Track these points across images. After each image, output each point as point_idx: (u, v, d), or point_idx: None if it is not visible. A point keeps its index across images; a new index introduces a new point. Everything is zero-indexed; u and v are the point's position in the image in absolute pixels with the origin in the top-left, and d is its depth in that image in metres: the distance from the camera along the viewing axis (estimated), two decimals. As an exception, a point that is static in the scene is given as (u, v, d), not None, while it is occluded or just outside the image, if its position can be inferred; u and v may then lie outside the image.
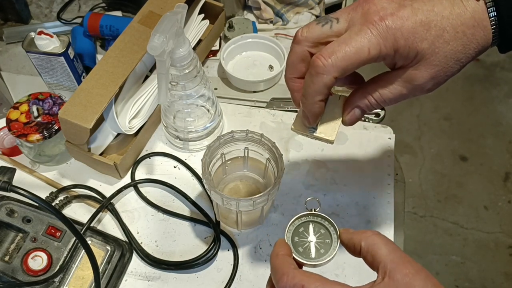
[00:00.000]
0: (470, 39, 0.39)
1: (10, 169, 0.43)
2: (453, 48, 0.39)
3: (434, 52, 0.39)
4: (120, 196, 0.68)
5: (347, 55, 0.39)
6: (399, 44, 0.38)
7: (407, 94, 0.41)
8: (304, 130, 0.40)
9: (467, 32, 0.38)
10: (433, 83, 0.40)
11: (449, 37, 0.38)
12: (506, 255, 1.54)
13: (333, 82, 0.40)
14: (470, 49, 0.39)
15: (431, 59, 0.39)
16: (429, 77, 0.40)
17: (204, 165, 0.56)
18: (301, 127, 0.40)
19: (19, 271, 0.57)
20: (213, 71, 0.84)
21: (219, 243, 0.63)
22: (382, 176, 0.69)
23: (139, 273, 0.62)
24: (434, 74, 0.40)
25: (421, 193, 1.67)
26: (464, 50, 0.39)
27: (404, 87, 0.41)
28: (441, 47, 0.39)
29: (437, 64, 0.39)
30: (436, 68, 0.39)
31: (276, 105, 0.78)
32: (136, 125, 0.69)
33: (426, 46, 0.38)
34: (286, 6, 0.90)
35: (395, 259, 0.34)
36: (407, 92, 0.41)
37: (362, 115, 0.44)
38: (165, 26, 0.50)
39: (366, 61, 0.39)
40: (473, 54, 0.39)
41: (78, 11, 0.94)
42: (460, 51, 0.39)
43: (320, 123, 0.40)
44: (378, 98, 0.42)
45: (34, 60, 0.71)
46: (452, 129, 1.82)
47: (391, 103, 0.42)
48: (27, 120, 0.66)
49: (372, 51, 0.39)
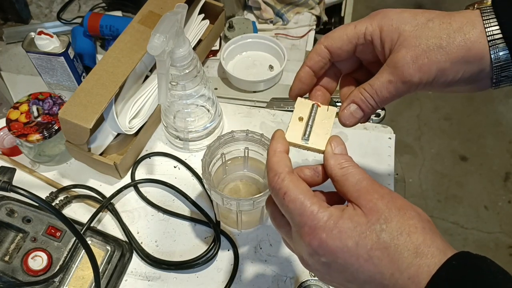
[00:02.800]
0: (456, 29, 0.39)
1: (10, 169, 0.43)
2: (436, 34, 0.39)
3: (416, 36, 0.39)
4: (120, 196, 0.68)
5: (337, 29, 0.43)
6: (384, 23, 0.41)
7: (395, 82, 0.40)
8: (297, 140, 0.42)
9: (453, 24, 0.39)
10: (416, 68, 0.39)
11: (433, 25, 0.39)
12: (506, 255, 1.54)
13: (322, 50, 0.43)
14: (456, 40, 0.39)
15: (412, 41, 0.39)
16: (410, 59, 0.39)
17: (204, 165, 0.56)
18: (293, 137, 0.42)
19: (19, 271, 0.57)
20: (213, 71, 0.84)
21: (219, 243, 0.63)
22: (382, 176, 0.69)
23: (139, 273, 0.62)
24: (415, 56, 0.39)
25: (421, 193, 1.67)
26: (449, 39, 0.39)
27: (390, 73, 0.41)
28: (423, 32, 0.39)
29: (417, 46, 0.39)
30: (416, 49, 0.39)
31: (276, 105, 0.78)
32: (136, 125, 0.69)
33: (409, 28, 0.40)
34: (286, 6, 0.90)
35: (361, 189, 0.36)
36: (394, 79, 0.40)
37: (361, 114, 0.44)
38: (165, 26, 0.50)
39: (352, 34, 0.42)
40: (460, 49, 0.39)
41: (78, 11, 0.94)
42: (444, 39, 0.39)
43: (311, 134, 0.42)
44: (369, 90, 0.42)
45: (34, 60, 0.71)
46: (452, 129, 1.82)
47: (384, 96, 0.42)
48: (27, 120, 0.66)
49: (358, 26, 0.42)
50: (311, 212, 0.35)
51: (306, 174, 0.40)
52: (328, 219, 0.34)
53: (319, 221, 0.34)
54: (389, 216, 0.33)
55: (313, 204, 0.35)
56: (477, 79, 0.41)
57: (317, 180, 0.40)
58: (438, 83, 0.40)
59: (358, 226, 0.34)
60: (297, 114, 0.43)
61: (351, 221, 0.34)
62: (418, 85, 0.40)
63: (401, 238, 0.33)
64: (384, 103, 0.43)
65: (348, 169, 0.37)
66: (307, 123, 0.42)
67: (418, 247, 0.32)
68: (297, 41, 0.89)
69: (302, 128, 0.42)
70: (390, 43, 0.41)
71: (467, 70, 0.39)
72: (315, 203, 0.35)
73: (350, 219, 0.34)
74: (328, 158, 0.39)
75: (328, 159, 0.39)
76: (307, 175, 0.40)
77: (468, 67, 0.39)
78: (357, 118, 0.44)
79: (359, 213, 0.34)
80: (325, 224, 0.34)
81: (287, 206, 0.36)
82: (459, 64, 0.39)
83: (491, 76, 0.40)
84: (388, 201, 0.34)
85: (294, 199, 0.36)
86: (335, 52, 0.43)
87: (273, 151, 0.39)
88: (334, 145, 0.40)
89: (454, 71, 0.39)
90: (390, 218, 0.33)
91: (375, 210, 0.34)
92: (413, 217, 0.34)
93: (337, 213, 0.35)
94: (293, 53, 0.87)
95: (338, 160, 0.38)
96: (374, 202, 0.34)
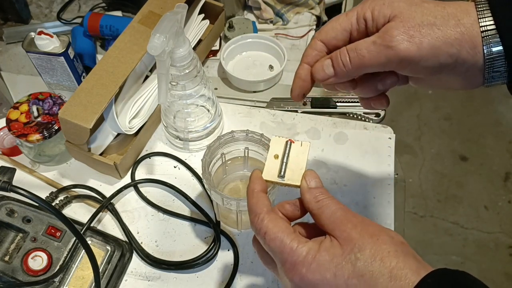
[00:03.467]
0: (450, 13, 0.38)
1: (10, 169, 0.43)
2: (431, 13, 0.38)
3: (410, 11, 0.39)
4: (120, 196, 0.68)
5: (329, 21, 0.43)
6: (375, 3, 0.40)
7: (379, 44, 0.39)
8: (273, 178, 0.43)
9: (447, 9, 0.39)
10: (406, 37, 0.38)
11: (428, 6, 0.39)
12: (506, 255, 1.54)
13: (318, 44, 0.43)
14: (450, 22, 0.38)
15: (406, 14, 0.38)
16: (402, 28, 0.38)
17: (204, 165, 0.56)
18: (270, 176, 0.43)
19: (19, 271, 0.57)
20: (213, 71, 0.84)
21: (219, 243, 0.63)
22: (382, 176, 0.69)
23: (139, 273, 0.62)
24: (407, 27, 0.38)
25: (421, 193, 1.67)
26: (443, 20, 0.38)
27: (377, 36, 0.39)
28: (418, 9, 0.39)
29: (412, 18, 0.38)
30: (410, 21, 0.38)
31: (276, 105, 0.78)
32: (136, 125, 0.69)
33: (403, 5, 0.39)
34: (286, 6, 0.90)
35: (335, 220, 0.37)
36: (379, 41, 0.39)
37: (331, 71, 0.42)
38: (165, 26, 0.50)
39: (345, 22, 0.42)
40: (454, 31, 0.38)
41: (78, 11, 0.94)
42: (438, 19, 0.38)
43: (286, 170, 0.43)
44: (349, 47, 0.41)
45: (34, 60, 0.71)
46: (452, 129, 1.82)
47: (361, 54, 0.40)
48: (27, 120, 0.66)
49: (349, 13, 0.41)
50: (290, 248, 0.36)
51: (287, 209, 0.41)
52: (307, 254, 0.36)
53: (299, 256, 0.36)
54: (362, 244, 0.35)
55: (292, 241, 0.37)
56: (469, 72, 0.40)
57: (297, 214, 0.41)
58: (428, 64, 0.39)
59: (334, 257, 0.35)
60: (272, 152, 0.44)
61: (328, 253, 0.35)
62: (404, 57, 0.38)
63: (375, 264, 0.34)
64: (359, 66, 0.40)
65: (323, 202, 0.38)
66: (282, 160, 0.44)
67: (391, 271, 0.33)
68: (297, 41, 0.89)
69: (277, 166, 0.43)
70: (383, 20, 0.39)
71: (460, 57, 0.38)
72: (294, 239, 0.37)
73: (327, 251, 0.35)
74: (304, 193, 0.40)
75: (304, 194, 0.40)
76: (287, 210, 0.41)
77: (461, 53, 0.38)
78: (325, 73, 0.42)
79: (335, 245, 0.36)
80: (304, 259, 0.36)
81: (268, 245, 0.38)
82: (452, 47, 0.38)
83: (483, 70, 0.39)
84: (361, 229, 0.36)
85: (274, 238, 0.37)
86: (331, 43, 0.43)
87: (251, 191, 0.41)
88: (309, 180, 0.41)
89: (446, 54, 0.38)
90: (364, 246, 0.35)
91: (349, 240, 0.35)
92: (386, 242, 0.35)
93: (315, 247, 0.36)
94: (293, 53, 0.87)
95: (313, 194, 0.39)
96: (348, 232, 0.36)
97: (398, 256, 0.34)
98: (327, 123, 0.75)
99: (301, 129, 0.74)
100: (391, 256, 0.34)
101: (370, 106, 0.47)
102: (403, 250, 0.35)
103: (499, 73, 0.39)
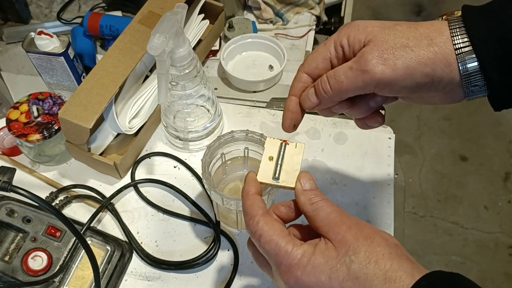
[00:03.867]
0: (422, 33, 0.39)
1: (10, 169, 0.43)
2: (404, 34, 0.39)
3: (383, 34, 0.40)
4: (120, 196, 0.68)
5: (311, 53, 0.45)
6: (350, 30, 0.41)
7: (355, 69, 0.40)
8: (268, 180, 0.43)
9: (420, 29, 0.39)
10: (381, 60, 0.39)
11: (400, 28, 0.40)
12: (506, 255, 1.54)
13: (302, 76, 0.45)
14: (422, 42, 0.39)
15: (380, 37, 0.40)
16: (376, 51, 0.39)
17: (204, 165, 0.56)
18: (264, 178, 0.43)
19: (19, 271, 0.57)
20: (213, 71, 0.84)
21: (219, 243, 0.63)
22: (382, 176, 0.69)
23: (139, 273, 0.62)
24: (381, 50, 0.39)
25: (421, 193, 1.67)
26: (415, 41, 0.39)
27: (354, 61, 0.40)
28: (391, 32, 0.40)
29: (385, 41, 0.39)
30: (383, 45, 0.39)
31: (276, 105, 0.78)
32: (136, 125, 0.69)
33: (376, 30, 0.40)
34: (286, 6, 0.90)
35: (330, 222, 0.37)
36: (355, 66, 0.40)
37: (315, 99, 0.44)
38: (165, 26, 0.50)
39: (324, 51, 0.43)
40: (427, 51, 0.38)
41: (78, 11, 0.94)
42: (411, 40, 0.39)
43: (281, 172, 0.43)
44: (329, 74, 0.42)
45: (34, 60, 0.71)
46: (452, 129, 1.82)
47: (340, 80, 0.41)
48: (27, 120, 0.66)
49: (327, 42, 0.43)
50: (285, 251, 0.36)
51: (282, 211, 0.41)
52: (302, 257, 0.36)
53: (294, 259, 0.36)
54: (357, 247, 0.35)
55: (287, 243, 0.37)
56: (447, 88, 0.40)
57: (291, 216, 0.41)
58: (404, 84, 0.40)
59: (329, 260, 0.35)
60: (267, 154, 0.44)
61: (323, 256, 0.35)
62: (380, 80, 0.39)
63: (369, 267, 0.34)
64: (339, 92, 0.42)
65: (317, 204, 0.39)
66: (277, 162, 0.44)
67: (386, 273, 0.33)
68: (297, 41, 0.89)
69: (272, 168, 0.44)
70: (358, 45, 0.41)
71: (436, 75, 0.39)
72: (289, 242, 0.37)
73: (322, 254, 0.36)
74: (299, 195, 0.40)
75: (299, 196, 0.40)
76: (282, 212, 0.41)
77: (436, 72, 0.39)
78: (311, 102, 0.44)
79: (329, 247, 0.36)
80: (299, 262, 0.36)
81: (263, 247, 0.38)
82: (426, 66, 0.38)
83: (462, 86, 0.39)
84: (355, 232, 0.36)
85: (269, 241, 0.37)
86: (314, 73, 0.44)
87: (246, 194, 0.41)
88: (303, 182, 0.41)
89: (421, 73, 0.39)
90: (358, 248, 0.35)
91: (343, 242, 0.35)
92: (380, 244, 0.35)
93: (310, 250, 0.36)
94: (293, 53, 0.87)
95: (308, 196, 0.39)
96: (343, 234, 0.36)
97: (393, 259, 0.34)
98: (327, 123, 0.75)
99: (301, 129, 0.74)
100: (385, 258, 0.34)
101: (366, 126, 0.48)
102: (398, 252, 0.35)
103: (477, 87, 0.39)
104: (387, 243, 0.35)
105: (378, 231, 0.36)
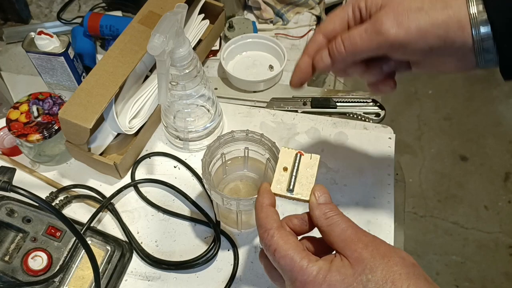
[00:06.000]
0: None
1: (10, 169, 0.43)
2: None
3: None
4: (120, 196, 0.68)
5: (329, 15, 0.46)
6: None
7: (370, 31, 0.41)
8: (282, 192, 0.42)
9: None
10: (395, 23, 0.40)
11: None
12: (506, 255, 1.54)
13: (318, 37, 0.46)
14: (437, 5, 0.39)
15: (395, 2, 0.41)
16: (391, 14, 0.40)
17: (204, 165, 0.56)
18: (278, 189, 0.43)
19: (19, 271, 0.57)
20: (213, 71, 0.84)
21: (219, 243, 0.63)
22: (382, 176, 0.69)
23: (139, 273, 0.62)
24: (396, 13, 0.40)
25: (421, 193, 1.67)
26: (430, 4, 0.39)
27: (369, 23, 0.42)
28: None
29: (400, 4, 0.40)
30: (398, 8, 0.40)
31: (276, 105, 0.78)
32: (136, 125, 0.69)
33: None
34: (286, 6, 0.90)
35: (346, 238, 0.37)
36: (370, 28, 0.41)
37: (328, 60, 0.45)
38: (165, 26, 0.50)
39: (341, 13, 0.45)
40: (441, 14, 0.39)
41: (78, 11, 0.94)
42: (426, 3, 0.40)
43: (296, 184, 0.42)
44: (343, 35, 0.43)
45: (34, 60, 0.71)
46: (452, 129, 1.82)
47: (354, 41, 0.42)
48: (27, 120, 0.66)
49: (345, 6, 0.45)
50: (300, 267, 0.36)
51: (295, 224, 0.41)
52: (317, 273, 0.35)
53: (309, 275, 0.35)
54: (374, 266, 0.34)
55: (303, 259, 0.36)
56: (459, 52, 0.40)
57: (305, 229, 0.41)
58: (417, 46, 0.40)
59: (345, 278, 0.35)
60: (281, 164, 0.44)
61: (339, 273, 0.35)
62: (393, 42, 0.40)
63: (386, 287, 0.33)
64: (353, 53, 0.43)
65: (333, 219, 0.38)
66: (291, 173, 0.43)
67: None
68: (297, 41, 0.89)
69: (286, 179, 0.43)
70: (375, 8, 0.42)
71: (449, 37, 0.39)
72: (305, 257, 0.36)
73: (338, 271, 0.35)
74: (313, 209, 0.40)
75: (313, 210, 0.40)
76: (295, 224, 0.41)
77: (449, 34, 0.39)
78: (323, 63, 0.45)
79: (346, 264, 0.35)
80: (314, 279, 0.35)
81: (278, 262, 0.37)
82: (440, 28, 0.39)
83: (474, 51, 0.40)
84: (372, 250, 0.35)
85: (284, 256, 0.37)
86: (330, 35, 0.45)
87: (260, 206, 0.41)
88: (318, 195, 0.40)
89: (434, 35, 0.39)
90: (375, 267, 0.34)
91: (360, 260, 0.35)
92: (397, 263, 0.35)
93: (326, 267, 0.36)
94: (293, 53, 0.87)
95: (323, 210, 0.39)
96: (359, 252, 0.35)
97: (410, 279, 0.34)
98: (327, 123, 0.75)
99: (301, 129, 0.74)
100: (402, 278, 0.34)
101: (378, 90, 0.48)
102: (415, 272, 0.34)
103: (490, 54, 0.40)
104: (404, 262, 0.35)
105: (395, 250, 0.36)
